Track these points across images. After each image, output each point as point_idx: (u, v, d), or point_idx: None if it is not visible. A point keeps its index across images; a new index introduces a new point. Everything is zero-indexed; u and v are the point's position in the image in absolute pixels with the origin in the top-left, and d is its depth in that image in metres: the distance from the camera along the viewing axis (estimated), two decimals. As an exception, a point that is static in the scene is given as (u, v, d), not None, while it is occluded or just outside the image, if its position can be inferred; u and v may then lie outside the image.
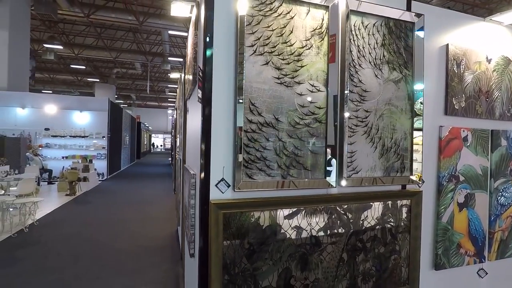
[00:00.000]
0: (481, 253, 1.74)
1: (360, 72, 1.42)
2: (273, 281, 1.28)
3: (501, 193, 1.80)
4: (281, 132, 1.28)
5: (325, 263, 1.37)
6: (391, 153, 1.48)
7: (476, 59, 1.70)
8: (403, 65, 1.51)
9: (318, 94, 1.34)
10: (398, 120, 1.50)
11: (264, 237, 1.26)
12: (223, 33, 1.20)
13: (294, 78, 1.30)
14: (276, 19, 1.27)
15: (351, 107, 1.40)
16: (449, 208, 1.63)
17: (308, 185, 1.32)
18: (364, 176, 1.43)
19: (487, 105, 1.74)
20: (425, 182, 1.59)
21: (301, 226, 1.32)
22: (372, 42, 1.44)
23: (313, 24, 1.33)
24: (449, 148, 1.63)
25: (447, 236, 1.63)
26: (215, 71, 1.19)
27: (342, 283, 1.40)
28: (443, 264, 1.62)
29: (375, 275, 1.47)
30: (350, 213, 1.41)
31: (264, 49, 1.25)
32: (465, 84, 1.67)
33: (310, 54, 1.33)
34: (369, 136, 1.44)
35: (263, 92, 1.25)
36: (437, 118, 1.62)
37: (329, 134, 1.35)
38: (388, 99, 1.48)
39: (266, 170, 1.26)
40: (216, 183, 1.20)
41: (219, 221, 1.19)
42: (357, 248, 1.43)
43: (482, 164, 1.73)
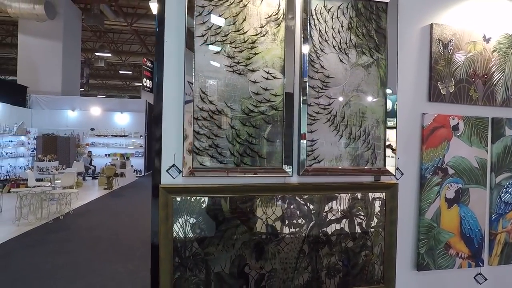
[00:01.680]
0: (478, 256, 1.55)
1: (322, 57, 1.36)
2: (226, 267, 1.29)
3: (505, 189, 1.58)
4: (234, 119, 1.29)
5: (283, 253, 1.34)
6: (360, 142, 1.40)
7: (470, 39, 1.52)
8: (374, 48, 1.41)
9: (274, 81, 1.32)
10: (368, 107, 1.41)
11: (216, 223, 1.28)
12: (174, 25, 1.24)
13: (248, 65, 1.30)
14: (228, 8, 1.28)
15: (311, 93, 1.35)
16: (435, 203, 1.48)
17: (263, 173, 1.31)
18: (327, 166, 1.37)
19: (484, 90, 1.54)
20: (405, 175, 1.47)
21: (255, 214, 1.31)
22: (337, 25, 1.37)
23: (268, 10, 1.32)
24: (434, 138, 1.48)
25: (432, 235, 1.48)
26: (166, 62, 1.24)
27: (303, 275, 1.36)
28: (427, 265, 1.48)
29: (342, 270, 1.39)
30: (312, 203, 1.36)
31: (216, 38, 1.27)
32: (455, 67, 1.50)
33: (266, 41, 1.31)
34: (333, 124, 1.37)
35: (215, 80, 1.27)
36: (419, 105, 1.48)
37: (286, 122, 1.32)
38: (357, 85, 1.39)
39: (218, 157, 1.28)
40: (167, 168, 1.25)
41: (169, 205, 1.23)
42: (320, 241, 1.37)
43: (479, 156, 1.54)
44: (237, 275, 1.30)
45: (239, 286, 1.30)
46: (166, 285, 1.23)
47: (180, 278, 1.25)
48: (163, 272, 1.23)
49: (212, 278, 1.28)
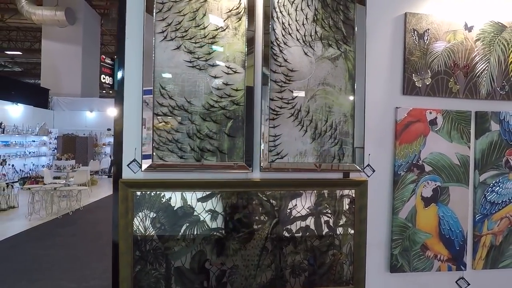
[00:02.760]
0: (460, 259, 1.45)
1: (285, 51, 1.33)
2: (186, 262, 1.29)
3: (491, 188, 1.47)
4: (194, 115, 1.29)
5: (245, 250, 1.32)
6: (326, 137, 1.35)
7: (449, 28, 1.43)
8: (341, 40, 1.36)
9: (235, 76, 1.31)
10: (335, 101, 1.36)
11: (176, 218, 1.29)
12: (135, 23, 1.26)
13: (208, 60, 1.29)
14: (188, 4, 1.28)
15: (274, 88, 1.32)
16: (410, 202, 1.41)
17: (223, 168, 1.30)
18: (291, 162, 1.33)
19: (466, 82, 1.45)
20: (377, 171, 1.40)
21: (216, 210, 1.31)
22: (301, 18, 1.34)
23: (229, 5, 1.30)
24: (409, 133, 1.40)
25: (407, 235, 1.41)
26: (127, 59, 1.27)
27: (266, 273, 1.33)
28: (401, 267, 1.40)
29: (308, 270, 1.36)
30: (275, 200, 1.34)
31: (176, 34, 1.28)
32: (432, 58, 1.42)
33: (227, 36, 1.30)
34: (297, 119, 1.34)
35: (176, 76, 1.28)
36: (393, 98, 1.41)
37: (247, 117, 1.30)
38: (323, 78, 1.35)
39: (178, 152, 1.29)
40: (128, 163, 1.27)
41: (129, 199, 1.25)
42: (284, 238, 1.34)
43: (460, 152, 1.44)
44: (197, 270, 1.30)
45: (200, 281, 1.30)
46: (126, 278, 1.25)
47: (140, 271, 1.27)
48: (123, 265, 1.25)
49: (172, 273, 1.29)
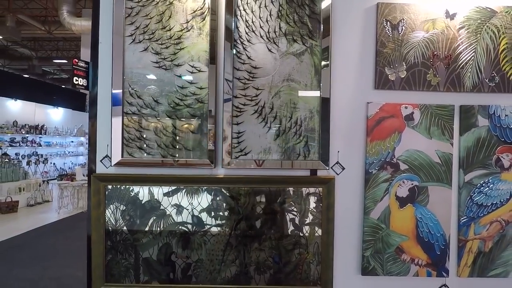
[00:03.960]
0: (441, 265, 1.34)
1: (249, 48, 1.34)
2: (154, 254, 1.35)
3: (478, 189, 1.34)
4: (161, 113, 1.35)
5: (210, 245, 1.35)
6: (291, 134, 1.33)
7: (427, 17, 1.33)
8: (307, 35, 1.33)
9: (200, 74, 1.34)
10: (301, 97, 1.34)
11: (143, 211, 1.35)
12: (107, 28, 1.35)
13: (173, 61, 1.34)
14: (155, 7, 1.35)
15: (238, 85, 1.33)
16: (383, 202, 1.33)
17: (188, 164, 1.34)
18: (255, 159, 1.34)
19: (448, 74, 1.34)
20: (347, 169, 1.35)
21: (181, 204, 1.35)
22: (265, 14, 1.34)
23: (193, 5, 1.34)
24: (381, 129, 1.33)
25: (380, 236, 1.34)
26: (101, 61, 1.36)
27: (231, 268, 1.35)
28: (373, 269, 1.34)
29: (273, 267, 1.35)
30: (239, 196, 1.35)
31: (144, 36, 1.35)
32: (407, 49, 1.33)
33: (192, 36, 1.34)
34: (261, 116, 1.34)
35: (143, 76, 1.35)
36: (364, 93, 1.35)
37: (211, 114, 1.33)
38: (288, 75, 1.34)
39: (146, 149, 1.35)
40: (101, 159, 1.36)
41: (100, 192, 1.34)
42: (248, 235, 1.35)
43: (441, 150, 1.34)
44: (164, 262, 1.35)
45: (166, 273, 1.35)
46: (98, 266, 1.35)
47: (111, 261, 1.35)
48: (95, 254, 1.34)
49: (141, 263, 1.35)
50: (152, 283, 1.35)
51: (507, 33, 1.34)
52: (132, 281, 1.35)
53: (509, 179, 1.34)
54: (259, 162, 1.33)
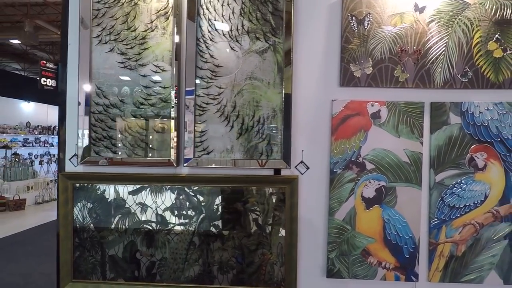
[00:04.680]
0: (410, 269, 1.28)
1: (212, 47, 1.33)
2: (119, 251, 1.37)
3: (450, 190, 1.28)
4: (126, 112, 1.37)
5: (173, 244, 1.36)
6: (253, 133, 1.32)
7: (395, 11, 1.28)
8: (270, 32, 1.32)
9: (164, 74, 1.35)
10: (263, 95, 1.32)
11: (109, 209, 1.37)
12: (75, 30, 1.38)
13: (138, 61, 1.36)
14: (121, 8, 1.37)
15: (201, 84, 1.33)
16: (348, 203, 1.29)
17: (152, 163, 1.35)
18: (218, 158, 1.33)
19: (416, 70, 1.28)
20: (311, 169, 1.32)
21: (145, 203, 1.36)
22: (227, 13, 1.33)
23: (157, 6, 1.35)
24: (346, 127, 1.29)
25: (345, 238, 1.30)
26: (69, 62, 1.39)
27: (194, 268, 1.35)
28: (338, 272, 1.30)
29: (236, 267, 1.34)
30: (202, 195, 1.34)
31: (110, 37, 1.37)
32: (373, 45, 1.28)
33: (156, 36, 1.35)
34: (223, 114, 1.33)
35: (110, 76, 1.37)
36: (329, 91, 1.31)
37: (175, 114, 1.33)
38: (250, 73, 1.32)
39: (112, 148, 1.37)
40: (70, 157, 1.40)
41: (68, 190, 1.38)
42: (211, 234, 1.34)
43: (410, 149, 1.28)
44: (129, 260, 1.37)
45: (131, 270, 1.37)
46: (66, 262, 1.38)
47: (79, 257, 1.38)
48: (63, 251, 1.38)
49: (107, 260, 1.38)
50: (118, 280, 1.37)
51: (481, 26, 1.27)
52: (99, 278, 1.38)
53: (484, 180, 1.27)
54: (222, 161, 1.32)
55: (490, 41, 1.27)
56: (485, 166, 1.27)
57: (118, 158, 1.36)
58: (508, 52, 1.26)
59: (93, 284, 1.37)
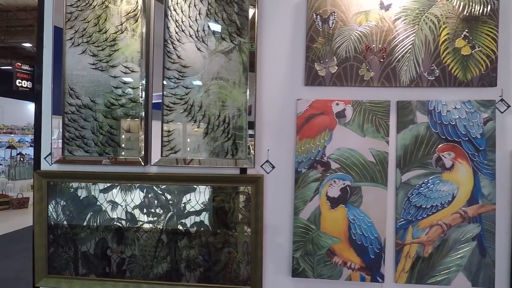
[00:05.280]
0: (375, 269, 1.27)
1: (179, 47, 1.35)
2: (91, 248, 1.41)
3: (416, 190, 1.26)
4: (98, 113, 1.40)
5: (142, 241, 1.38)
6: (219, 132, 1.33)
7: (360, 9, 1.27)
8: (235, 33, 1.33)
9: (133, 75, 1.38)
10: (229, 95, 1.33)
11: (81, 206, 1.41)
12: (50, 33, 1.43)
13: (109, 62, 1.39)
14: (92, 11, 1.40)
15: (168, 84, 1.36)
16: (313, 202, 1.29)
17: (122, 162, 1.38)
18: (184, 157, 1.35)
19: (382, 68, 1.26)
20: (277, 168, 1.33)
21: (116, 201, 1.39)
22: (194, 14, 1.35)
23: (127, 8, 1.38)
24: (311, 127, 1.29)
25: (310, 238, 1.29)
26: (45, 64, 1.44)
27: (162, 265, 1.37)
28: (304, 271, 1.29)
29: (203, 265, 1.35)
30: (170, 194, 1.37)
31: (82, 39, 1.41)
32: (338, 44, 1.28)
33: (126, 38, 1.39)
34: (190, 114, 1.35)
35: (82, 78, 1.41)
36: (294, 90, 1.31)
37: (144, 113, 1.36)
38: (216, 73, 1.34)
39: (84, 147, 1.41)
40: (45, 156, 1.44)
41: (43, 188, 1.42)
42: (178, 232, 1.36)
43: (376, 148, 1.27)
44: (100, 256, 1.40)
45: (103, 267, 1.40)
46: (41, 258, 1.42)
47: (53, 253, 1.43)
48: (38, 246, 1.42)
49: (80, 256, 1.41)
50: (89, 276, 1.41)
51: (448, 23, 1.24)
52: (72, 273, 1.42)
53: (451, 180, 1.24)
54: (188, 160, 1.34)
55: (458, 38, 1.24)
56: (452, 165, 1.24)
57: (90, 157, 1.39)
58: (477, 49, 1.23)
59: (66, 279, 1.41)
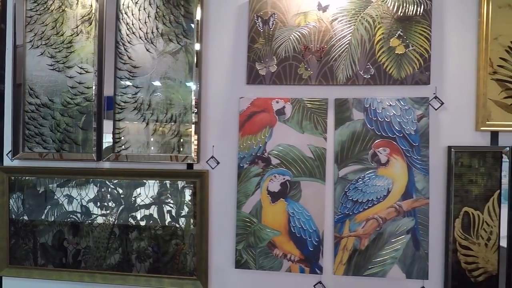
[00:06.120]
0: (314, 261, 1.31)
1: (130, 49, 1.42)
2: (49, 239, 1.48)
3: (353, 185, 1.30)
4: (55, 111, 1.48)
5: (96, 233, 1.45)
6: (167, 129, 1.39)
7: (299, 10, 1.32)
8: (181, 34, 1.39)
9: (87, 75, 1.45)
10: (176, 93, 1.39)
11: (40, 200, 1.49)
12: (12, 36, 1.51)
13: (65, 63, 1.47)
14: (50, 15, 1.48)
15: (120, 84, 1.42)
16: (254, 196, 1.34)
17: (77, 158, 1.45)
18: (135, 153, 1.41)
19: (319, 67, 1.31)
20: (221, 164, 1.38)
21: (71, 195, 1.47)
22: (143, 17, 1.41)
23: (82, 11, 1.46)
24: (252, 124, 1.34)
25: (252, 231, 1.34)
26: (7, 66, 1.52)
27: (115, 256, 1.44)
28: (246, 263, 1.35)
29: (152, 256, 1.42)
30: (121, 188, 1.43)
31: (41, 42, 1.49)
32: (278, 44, 1.33)
33: (81, 40, 1.46)
34: (140, 112, 1.41)
35: (41, 78, 1.49)
36: (237, 89, 1.37)
37: (97, 112, 1.43)
38: (164, 73, 1.40)
39: (43, 144, 1.49)
40: (7, 152, 1.52)
41: (4, 182, 1.50)
42: (129, 225, 1.43)
43: (314, 144, 1.32)
44: (57, 247, 1.48)
45: (60, 257, 1.48)
46: (2, 249, 1.50)
47: (15, 244, 1.51)
48: (0, 238, 1.50)
49: (38, 248, 1.49)
50: (48, 266, 1.48)
51: (383, 23, 1.28)
52: (31, 264, 1.49)
53: (386, 175, 1.28)
54: (139, 156, 1.40)
55: (392, 38, 1.28)
56: (388, 161, 1.28)
57: (48, 154, 1.47)
58: (411, 48, 1.27)
59: (26, 269, 1.49)
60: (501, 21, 1.24)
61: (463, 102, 1.27)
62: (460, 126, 1.27)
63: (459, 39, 1.27)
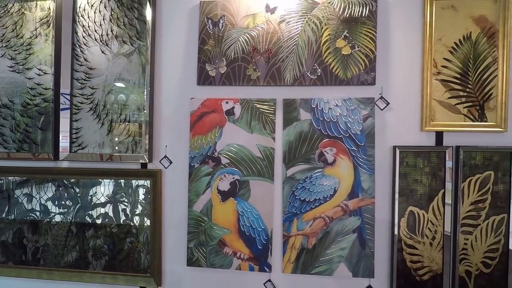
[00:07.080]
0: (263, 260, 1.33)
1: (86, 51, 1.45)
2: (9, 237, 1.52)
3: (301, 184, 1.31)
4: (15, 112, 1.51)
5: (54, 231, 1.48)
6: (121, 130, 1.42)
7: (248, 12, 1.34)
8: (135, 36, 1.41)
9: (45, 76, 1.48)
10: (130, 94, 1.42)
11: (1, 199, 1.52)
12: (-24, 38, 1.55)
13: (25, 65, 1.50)
14: (11, 18, 1.51)
15: (76, 85, 1.45)
16: (205, 195, 1.36)
17: (36, 158, 1.48)
18: (91, 152, 1.44)
19: (267, 68, 1.33)
20: (174, 163, 1.40)
21: (31, 194, 1.50)
22: (99, 19, 1.44)
23: (41, 14, 1.49)
24: (203, 124, 1.36)
25: (203, 229, 1.37)
26: (-29, 68, 1.56)
27: (72, 253, 1.47)
28: (197, 261, 1.37)
29: (108, 254, 1.44)
30: (78, 187, 1.46)
31: (2, 44, 1.52)
32: (227, 45, 1.35)
33: (40, 42, 1.49)
34: (95, 113, 1.44)
35: (1, 79, 1.52)
36: (188, 90, 1.39)
37: (55, 112, 1.46)
38: (119, 74, 1.43)
39: (3, 144, 1.52)
40: (-30, 153, 1.56)
41: (-33, 182, 1.54)
42: (86, 223, 1.46)
43: (263, 144, 1.33)
44: (17, 245, 1.51)
45: (20, 255, 1.51)
46: (-34, 246, 1.54)
47: (-23, 242, 1.54)
48: (-37, 235, 1.54)
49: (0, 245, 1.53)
50: (8, 264, 1.52)
51: (329, 24, 1.30)
52: (-7, 261, 1.53)
53: (333, 174, 1.30)
54: (94, 155, 1.43)
55: (339, 39, 1.29)
56: (334, 161, 1.30)
57: (8, 153, 1.50)
58: (356, 49, 1.28)
59: (-12, 266, 1.53)
60: (445, 22, 1.25)
61: (408, 103, 1.28)
62: (406, 126, 1.28)
63: (404, 40, 1.29)
